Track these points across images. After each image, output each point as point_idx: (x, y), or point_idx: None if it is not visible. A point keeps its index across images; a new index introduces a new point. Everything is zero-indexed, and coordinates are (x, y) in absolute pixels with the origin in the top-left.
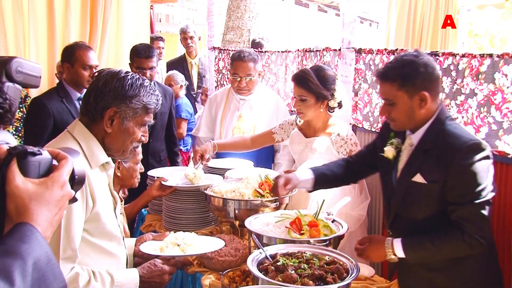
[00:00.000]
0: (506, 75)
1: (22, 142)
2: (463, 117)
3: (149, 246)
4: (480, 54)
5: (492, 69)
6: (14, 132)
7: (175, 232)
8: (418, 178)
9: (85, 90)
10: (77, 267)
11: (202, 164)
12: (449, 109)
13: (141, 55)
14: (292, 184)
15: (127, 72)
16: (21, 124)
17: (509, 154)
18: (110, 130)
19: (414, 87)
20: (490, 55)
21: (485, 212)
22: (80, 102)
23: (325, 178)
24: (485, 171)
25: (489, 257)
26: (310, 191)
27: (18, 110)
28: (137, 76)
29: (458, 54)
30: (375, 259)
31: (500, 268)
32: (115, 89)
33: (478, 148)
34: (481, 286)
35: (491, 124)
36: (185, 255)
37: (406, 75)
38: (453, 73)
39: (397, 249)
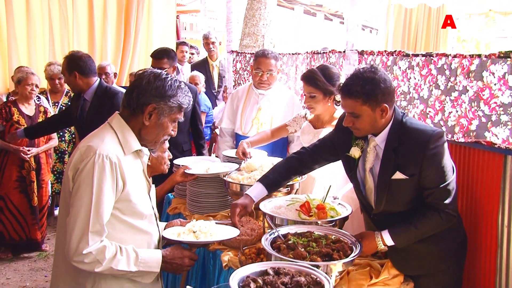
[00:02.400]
0: (493, 73)
1: (72, 135)
2: (457, 111)
3: (170, 231)
4: (470, 55)
5: (481, 68)
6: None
7: (197, 215)
8: (398, 175)
9: None
10: (105, 241)
11: (247, 160)
12: (444, 104)
13: (155, 57)
14: (246, 211)
15: (167, 74)
16: None
17: (496, 144)
18: (148, 123)
19: (376, 102)
20: (479, 56)
21: (453, 189)
22: None
23: (275, 183)
24: (447, 154)
25: (458, 222)
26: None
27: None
28: (175, 78)
29: (450, 54)
30: (369, 252)
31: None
32: (156, 88)
33: (441, 136)
34: (452, 244)
35: (481, 117)
36: (197, 242)
37: (369, 92)
38: (447, 72)
39: (386, 240)
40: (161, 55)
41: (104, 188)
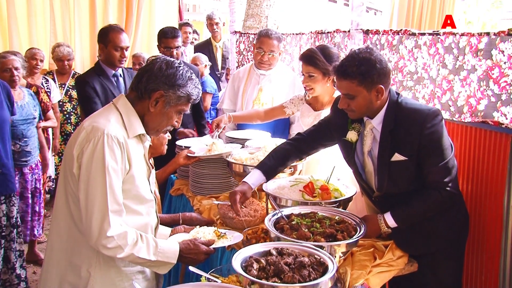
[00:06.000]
0: (502, 52)
1: (78, 118)
2: (466, 90)
3: (177, 238)
4: (478, 33)
5: (489, 46)
6: (71, 110)
7: (200, 196)
8: (397, 157)
9: (119, 69)
10: (125, 226)
11: (218, 132)
12: (453, 84)
13: (168, 35)
14: (246, 197)
15: (179, 63)
16: (77, 103)
17: (503, 124)
18: (153, 110)
19: (372, 82)
20: (488, 33)
21: (453, 167)
22: (115, 78)
23: (272, 169)
24: (445, 132)
25: (458, 200)
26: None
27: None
28: (187, 69)
29: (458, 33)
30: (372, 235)
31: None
32: (167, 76)
33: (437, 114)
34: (453, 222)
35: (490, 97)
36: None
37: (364, 72)
38: (455, 51)
39: (389, 222)
40: (176, 33)
41: (116, 168)
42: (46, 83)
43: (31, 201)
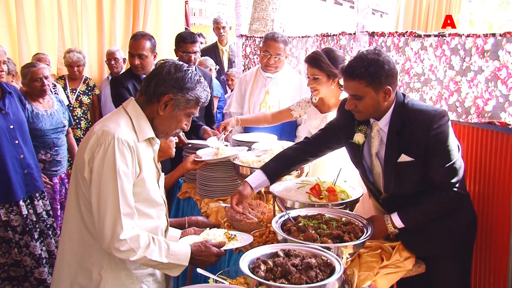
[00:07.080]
0: (509, 52)
1: (88, 123)
2: (473, 91)
3: (187, 240)
4: (484, 34)
5: (496, 47)
6: (81, 115)
7: (207, 198)
8: (404, 157)
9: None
10: (137, 229)
11: (224, 134)
12: (460, 85)
13: (187, 40)
14: (242, 196)
15: (188, 67)
16: (87, 108)
17: (510, 125)
18: (162, 113)
19: (380, 84)
20: (493, 34)
21: (460, 168)
22: None
23: (276, 172)
24: (451, 132)
25: (466, 202)
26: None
27: (87, 97)
28: (196, 72)
29: (463, 34)
30: (379, 235)
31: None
32: (176, 79)
33: (443, 115)
34: (461, 224)
35: (498, 97)
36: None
37: (373, 73)
38: (461, 52)
39: (396, 222)
40: (195, 38)
41: (126, 171)
42: (53, 88)
43: (59, 212)
